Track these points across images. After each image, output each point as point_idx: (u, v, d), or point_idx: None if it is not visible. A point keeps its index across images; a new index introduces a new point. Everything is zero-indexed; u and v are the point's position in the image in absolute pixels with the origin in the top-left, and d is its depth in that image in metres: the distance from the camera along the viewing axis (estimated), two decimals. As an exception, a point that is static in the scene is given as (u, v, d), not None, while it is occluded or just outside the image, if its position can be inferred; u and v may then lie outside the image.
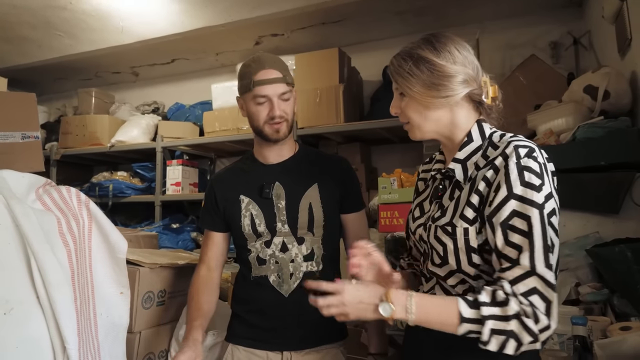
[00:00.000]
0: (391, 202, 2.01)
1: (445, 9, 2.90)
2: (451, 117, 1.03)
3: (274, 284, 1.39)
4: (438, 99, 0.99)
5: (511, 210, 0.90)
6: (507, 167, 0.92)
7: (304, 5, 2.87)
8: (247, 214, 1.42)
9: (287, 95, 1.39)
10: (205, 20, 3.08)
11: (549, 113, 1.99)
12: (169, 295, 1.50)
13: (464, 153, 1.03)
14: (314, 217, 1.41)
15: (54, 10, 2.94)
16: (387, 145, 3.30)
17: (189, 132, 3.54)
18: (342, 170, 1.50)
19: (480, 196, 0.97)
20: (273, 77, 1.36)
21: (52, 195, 1.13)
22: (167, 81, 4.17)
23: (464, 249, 0.98)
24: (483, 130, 1.04)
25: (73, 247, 1.08)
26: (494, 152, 0.99)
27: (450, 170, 1.04)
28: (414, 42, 1.04)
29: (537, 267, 0.87)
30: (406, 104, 1.04)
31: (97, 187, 3.57)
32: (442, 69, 0.98)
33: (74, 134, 3.74)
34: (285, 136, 1.42)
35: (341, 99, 2.92)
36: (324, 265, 1.42)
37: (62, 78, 4.25)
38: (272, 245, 1.41)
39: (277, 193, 1.43)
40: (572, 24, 2.81)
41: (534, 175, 0.91)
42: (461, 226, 0.98)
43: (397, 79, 1.03)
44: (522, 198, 0.90)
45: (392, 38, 3.33)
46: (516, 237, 0.89)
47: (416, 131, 1.06)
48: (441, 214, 1.04)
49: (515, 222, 0.90)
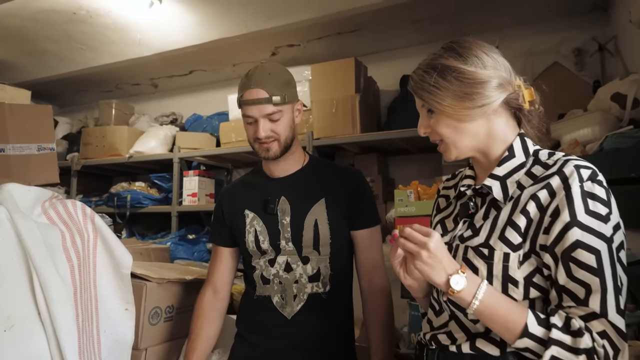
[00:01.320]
0: (408, 215, 1.94)
1: (462, 16, 2.84)
2: (488, 128, 0.92)
3: (276, 306, 1.34)
4: (473, 109, 0.89)
5: (574, 240, 0.79)
6: (570, 189, 0.81)
7: (320, 16, 2.85)
8: (251, 230, 1.38)
9: (276, 116, 1.31)
10: (222, 31, 3.08)
11: (574, 122, 1.91)
12: (178, 311, 1.47)
13: (504, 169, 0.92)
14: (320, 235, 1.34)
15: (75, 24, 2.99)
16: (405, 155, 3.24)
17: (205, 143, 3.54)
18: (352, 183, 1.41)
19: (529, 219, 0.85)
20: (258, 98, 1.29)
21: (58, 209, 1.12)
22: (185, 92, 4.20)
23: (500, 276, 0.85)
24: (526, 145, 0.93)
25: (76, 262, 1.06)
26: (542, 171, 0.88)
27: (486, 188, 0.93)
28: (435, 52, 0.95)
29: (609, 314, 0.77)
30: (436, 120, 0.93)
31: (115, 197, 3.59)
32: (473, 76, 0.88)
33: (94, 145, 3.78)
34: (277, 155, 1.35)
35: (357, 109, 2.88)
36: (331, 287, 1.35)
37: (84, 90, 4.32)
38: (276, 264, 1.35)
39: (282, 208, 1.37)
40: (597, 30, 2.71)
41: (599, 203, 0.81)
42: (501, 250, 0.86)
43: (422, 94, 0.93)
44: (587, 228, 0.79)
45: (409, 47, 3.29)
46: (582, 274, 0.79)
47: (452, 149, 0.95)
48: (473, 233, 0.92)
49: (580, 255, 0.79)
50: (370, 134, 2.88)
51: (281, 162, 1.40)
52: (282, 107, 1.32)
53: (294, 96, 1.38)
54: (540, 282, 0.85)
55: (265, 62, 1.39)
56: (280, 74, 1.36)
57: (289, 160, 1.41)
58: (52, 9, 2.75)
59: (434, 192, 1.93)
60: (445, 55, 0.92)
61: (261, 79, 1.31)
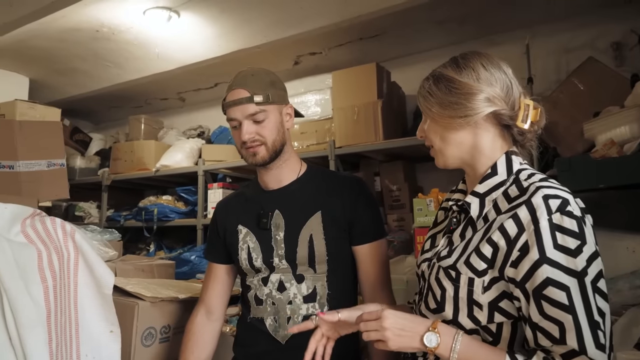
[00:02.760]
0: (428, 226, 1.81)
1: (489, 14, 2.69)
2: (473, 140, 0.93)
3: (269, 329, 1.24)
4: (455, 119, 0.91)
5: (545, 278, 0.78)
6: (538, 224, 0.80)
7: (339, 21, 2.78)
8: (244, 247, 1.30)
9: (260, 116, 1.24)
10: (241, 42, 3.07)
11: (610, 120, 1.74)
12: (175, 331, 1.41)
13: (484, 187, 0.93)
14: (315, 251, 1.24)
15: (100, 41, 3.05)
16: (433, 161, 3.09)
17: (230, 155, 3.53)
18: (352, 194, 1.30)
19: (495, 248, 0.85)
20: (239, 98, 1.24)
21: (36, 227, 1.08)
22: (211, 105, 4.22)
23: (465, 299, 0.87)
24: (511, 163, 0.93)
25: (52, 283, 1.02)
26: (516, 193, 0.87)
27: (466, 204, 0.94)
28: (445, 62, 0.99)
29: (589, 350, 0.75)
30: (428, 126, 0.98)
31: (143, 211, 3.63)
32: (461, 86, 0.91)
33: (122, 160, 3.85)
34: (264, 160, 1.27)
35: (380, 115, 2.78)
36: (329, 307, 1.24)
37: (115, 106, 4.43)
38: (269, 284, 1.26)
39: (276, 223, 1.28)
40: (635, 21, 2.49)
41: (569, 236, 0.79)
42: (466, 274, 0.87)
43: (419, 99, 0.98)
44: (556, 264, 0.78)
45: (436, 49, 3.15)
46: (554, 312, 0.77)
47: (439, 156, 0.99)
48: (447, 253, 0.94)
49: (551, 292, 0.77)
50: (392, 140, 2.77)
51: (274, 172, 1.32)
52: (266, 107, 1.25)
53: (282, 98, 1.30)
54: (507, 307, 0.85)
55: (249, 67, 1.33)
56: (263, 75, 1.30)
57: (283, 170, 1.33)
58: (76, 27, 2.82)
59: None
60: (446, 65, 0.97)
61: (243, 80, 1.27)
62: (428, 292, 0.96)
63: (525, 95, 0.95)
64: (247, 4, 2.61)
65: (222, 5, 2.64)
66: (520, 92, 0.94)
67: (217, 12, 2.70)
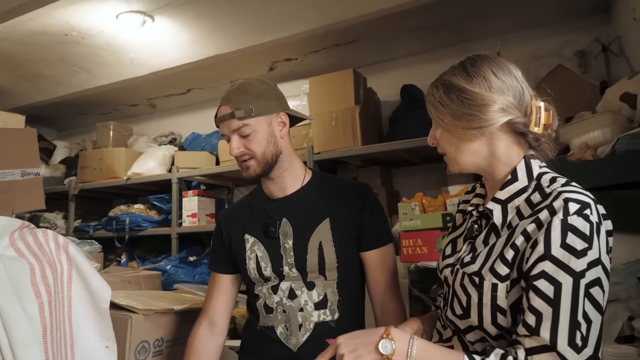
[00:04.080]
0: (413, 230, 1.84)
1: (462, 23, 2.77)
2: (488, 149, 0.92)
3: (280, 337, 1.23)
4: (469, 130, 0.90)
5: (540, 271, 0.79)
6: (551, 223, 0.80)
7: (315, 28, 2.80)
8: (252, 256, 1.28)
9: (245, 130, 1.23)
10: (217, 48, 3.04)
11: (584, 125, 1.81)
12: (168, 344, 1.36)
13: (505, 193, 0.91)
14: (325, 258, 1.24)
15: (68, 46, 2.95)
16: (409, 167, 3.15)
17: (205, 162, 3.48)
18: (359, 200, 1.30)
19: (516, 251, 0.85)
20: (222, 115, 1.25)
21: (27, 239, 1.03)
22: (183, 111, 4.16)
23: (489, 305, 0.86)
24: (531, 168, 0.91)
25: (47, 298, 0.97)
26: (539, 199, 0.87)
27: (488, 211, 0.93)
28: (451, 67, 0.97)
29: (559, 344, 0.75)
30: (441, 135, 0.97)
31: (114, 220, 3.52)
32: (474, 97, 0.88)
33: (91, 168, 3.72)
34: (256, 173, 1.27)
35: (358, 121, 2.80)
36: (340, 314, 1.24)
37: (82, 113, 4.29)
38: (279, 291, 1.25)
39: (284, 231, 1.27)
40: (599, 31, 2.63)
41: (578, 237, 0.78)
42: (490, 280, 0.87)
43: (430, 108, 0.97)
44: (557, 261, 0.78)
45: (410, 56, 3.23)
46: (538, 302, 0.78)
47: (453, 164, 0.98)
48: (471, 259, 0.93)
49: (541, 284, 0.79)
50: (371, 146, 2.80)
51: (277, 181, 1.32)
52: (249, 121, 1.24)
53: (270, 108, 1.27)
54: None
55: (240, 79, 1.32)
56: (251, 87, 1.28)
57: (286, 179, 1.32)
58: (43, 31, 2.71)
59: (440, 204, 1.83)
60: (455, 72, 0.94)
61: (228, 96, 1.28)
62: (453, 298, 0.95)
63: (537, 97, 0.93)
64: (224, 10, 2.59)
65: (198, 11, 2.60)
66: (531, 95, 0.92)
67: (193, 17, 2.66)
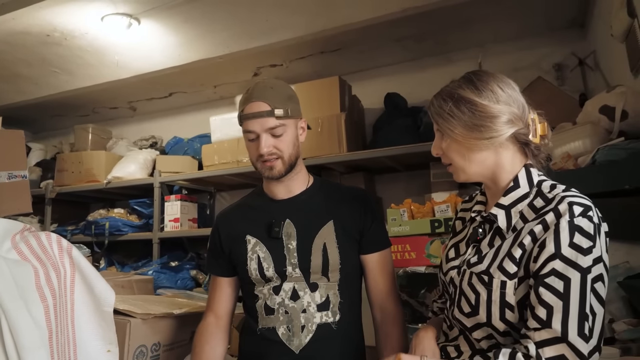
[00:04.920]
0: (402, 235, 1.88)
1: (446, 33, 2.85)
2: (496, 158, 0.98)
3: (282, 338, 1.23)
4: (481, 140, 0.95)
5: (551, 269, 0.85)
6: (558, 225, 0.87)
7: (303, 35, 2.83)
8: (253, 257, 1.28)
9: (279, 130, 1.25)
10: (203, 52, 3.03)
11: (565, 135, 1.89)
12: (165, 348, 1.36)
13: (508, 199, 0.98)
14: (329, 260, 1.25)
15: (49, 46, 2.89)
16: (392, 174, 3.20)
17: (187, 166, 3.45)
18: (362, 205, 1.34)
19: (524, 250, 0.91)
20: (259, 111, 1.23)
21: (30, 242, 1.02)
22: (165, 115, 4.11)
23: (498, 302, 0.92)
24: (531, 176, 0.98)
25: (52, 301, 0.96)
26: (542, 204, 0.93)
27: (492, 216, 0.99)
28: (455, 81, 1.02)
29: (569, 334, 0.81)
30: (448, 145, 1.01)
31: (93, 225, 3.45)
32: (485, 109, 0.94)
33: (69, 171, 3.64)
34: (281, 174, 1.28)
35: (343, 127, 2.84)
36: (341, 316, 1.26)
37: (59, 115, 4.20)
38: (282, 292, 1.25)
39: (287, 232, 1.28)
40: (575, 45, 2.75)
41: (584, 237, 0.86)
42: (499, 278, 0.92)
43: (438, 120, 1.00)
44: (567, 259, 0.85)
45: (393, 65, 3.29)
46: (549, 297, 0.84)
47: (460, 173, 1.02)
48: (478, 260, 0.98)
49: (552, 280, 0.85)
50: (357, 152, 2.84)
51: (286, 183, 1.33)
52: (285, 122, 1.26)
53: (298, 112, 1.31)
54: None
55: (265, 78, 1.33)
56: (282, 88, 1.31)
57: (294, 181, 1.34)
58: (25, 31, 2.66)
59: (428, 211, 1.88)
60: (463, 86, 0.98)
61: (263, 93, 1.26)
62: (460, 298, 1.00)
63: (532, 110, 1.00)
64: (213, 15, 2.59)
65: (185, 15, 2.60)
66: (529, 109, 0.99)
67: (180, 21, 2.66)
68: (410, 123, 2.90)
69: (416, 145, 2.63)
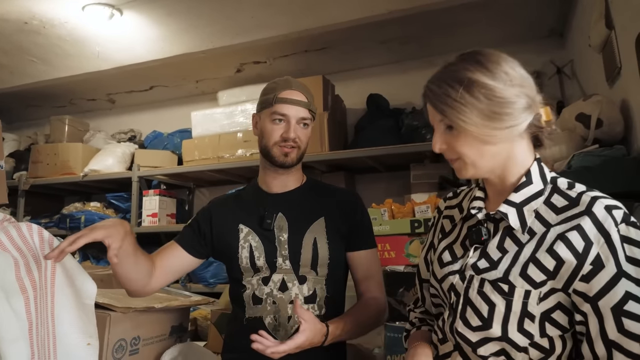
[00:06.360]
0: (382, 234, 1.90)
1: (429, 37, 2.90)
2: (510, 151, 0.85)
3: (269, 327, 1.25)
4: (501, 130, 0.81)
5: (624, 293, 0.74)
6: (610, 237, 0.76)
7: (287, 33, 2.83)
8: (245, 245, 1.30)
9: (308, 122, 1.34)
10: (186, 46, 3.00)
11: (542, 141, 1.94)
12: (144, 343, 1.34)
13: (520, 196, 0.86)
14: (319, 254, 1.29)
15: (27, 35, 2.82)
16: (372, 174, 3.23)
17: (167, 161, 3.41)
18: (352, 205, 1.39)
19: (560, 260, 0.79)
20: (298, 99, 1.31)
21: (10, 233, 0.99)
22: (144, 109, 4.05)
23: (518, 313, 0.80)
24: (544, 171, 0.88)
25: (32, 293, 0.94)
26: (564, 203, 0.83)
27: (501, 214, 0.87)
28: (455, 63, 0.87)
29: None
30: (456, 138, 0.85)
31: (68, 218, 3.38)
32: (503, 94, 0.81)
33: (44, 163, 3.56)
34: (293, 163, 1.33)
35: (326, 127, 2.85)
36: (326, 310, 1.29)
37: (35, 105, 4.09)
38: (271, 283, 1.28)
39: (279, 225, 1.31)
40: (554, 54, 2.83)
41: (635, 247, 0.76)
42: (522, 287, 0.81)
43: (444, 109, 0.84)
44: (630, 277, 0.75)
45: (377, 66, 3.32)
46: (636, 327, 0.73)
47: (470, 169, 0.87)
48: (490, 265, 0.86)
49: (631, 307, 0.73)
50: (338, 152, 2.86)
51: (284, 177, 1.37)
52: (312, 117, 1.35)
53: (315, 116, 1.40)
54: (559, 319, 0.81)
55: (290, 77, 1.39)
56: (308, 88, 1.38)
57: (291, 176, 1.38)
58: (1, 17, 2.58)
59: (409, 211, 1.90)
60: (471, 68, 0.83)
61: (301, 86, 1.34)
62: (466, 308, 0.87)
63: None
64: (198, 9, 2.57)
65: (169, 8, 2.57)
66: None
67: (164, 14, 2.62)
68: (392, 124, 2.94)
69: (397, 146, 2.67)
